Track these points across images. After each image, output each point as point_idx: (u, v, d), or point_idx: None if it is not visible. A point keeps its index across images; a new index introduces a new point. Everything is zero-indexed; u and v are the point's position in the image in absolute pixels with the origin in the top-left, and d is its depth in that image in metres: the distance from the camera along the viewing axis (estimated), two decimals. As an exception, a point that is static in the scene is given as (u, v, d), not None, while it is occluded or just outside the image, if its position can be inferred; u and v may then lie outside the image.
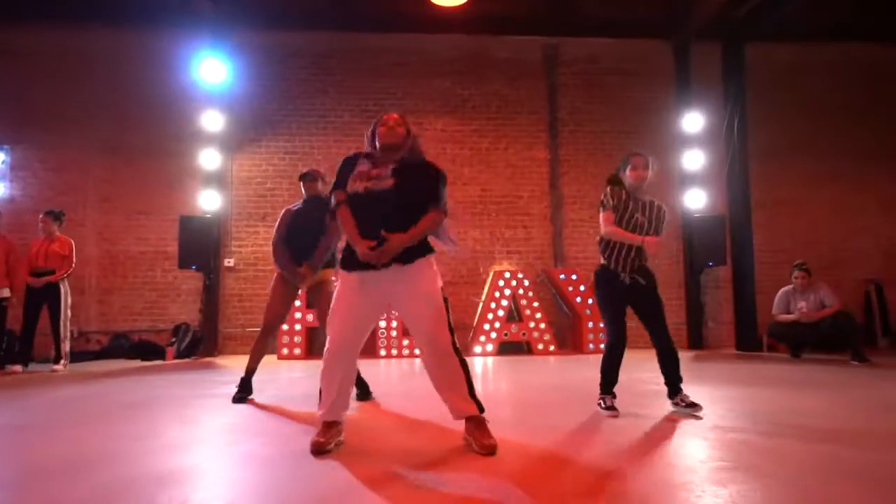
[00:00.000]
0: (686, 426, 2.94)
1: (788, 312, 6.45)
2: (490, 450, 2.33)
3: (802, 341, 6.46)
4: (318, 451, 2.35)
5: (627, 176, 3.40)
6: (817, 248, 8.00)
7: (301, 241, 3.84)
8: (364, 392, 3.89)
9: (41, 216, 6.31)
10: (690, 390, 3.71)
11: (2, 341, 6.34)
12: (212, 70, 7.45)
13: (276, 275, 4.00)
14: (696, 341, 7.82)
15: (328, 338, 2.47)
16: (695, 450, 2.50)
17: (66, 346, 6.20)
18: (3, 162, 7.56)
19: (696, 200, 7.85)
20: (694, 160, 7.90)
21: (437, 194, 2.49)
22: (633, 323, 3.35)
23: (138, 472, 2.19)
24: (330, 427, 2.47)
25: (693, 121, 7.91)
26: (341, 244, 2.70)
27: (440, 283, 2.49)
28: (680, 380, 3.39)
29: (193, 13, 7.40)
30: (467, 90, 8.20)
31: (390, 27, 7.87)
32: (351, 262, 2.46)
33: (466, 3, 6.45)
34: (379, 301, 2.51)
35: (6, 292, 6.21)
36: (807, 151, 8.24)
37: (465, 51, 8.19)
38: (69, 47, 7.70)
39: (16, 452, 2.59)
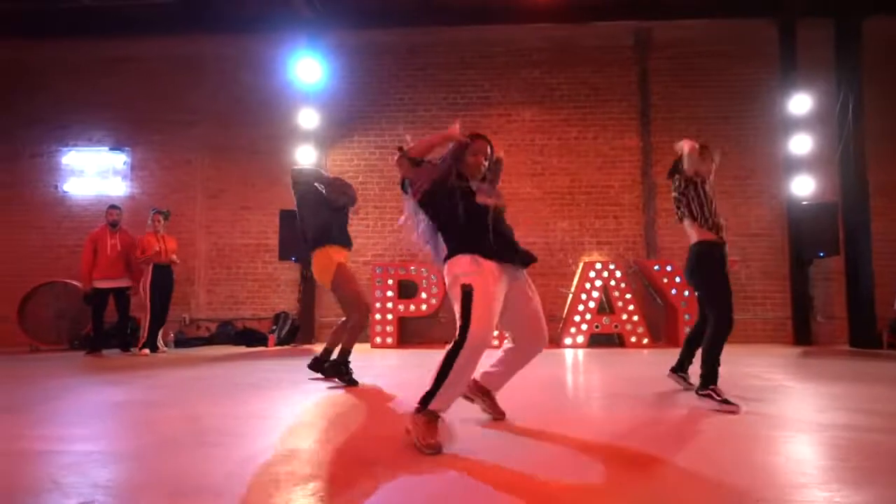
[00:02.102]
0: (796, 423, 2.76)
1: (915, 306, 5.93)
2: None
3: (931, 338, 5.93)
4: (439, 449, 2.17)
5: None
6: (945, 237, 7.28)
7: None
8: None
9: (154, 214, 6.86)
10: (799, 387, 3.52)
11: (127, 327, 6.96)
12: (308, 70, 7.77)
13: (341, 264, 4.19)
14: (804, 337, 7.33)
15: (471, 329, 2.22)
16: (806, 449, 2.36)
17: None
18: (124, 163, 8.25)
19: (803, 187, 7.36)
20: (801, 145, 7.41)
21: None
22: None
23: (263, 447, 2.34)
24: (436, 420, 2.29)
25: (800, 103, 7.40)
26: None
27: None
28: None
29: (291, 17, 7.74)
30: (555, 79, 8.09)
31: (477, 19, 7.88)
32: (492, 250, 2.39)
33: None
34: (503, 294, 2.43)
35: (128, 282, 6.81)
36: (931, 131, 7.52)
37: (552, 40, 8.08)
38: (178, 55, 8.28)
39: (152, 425, 2.83)
